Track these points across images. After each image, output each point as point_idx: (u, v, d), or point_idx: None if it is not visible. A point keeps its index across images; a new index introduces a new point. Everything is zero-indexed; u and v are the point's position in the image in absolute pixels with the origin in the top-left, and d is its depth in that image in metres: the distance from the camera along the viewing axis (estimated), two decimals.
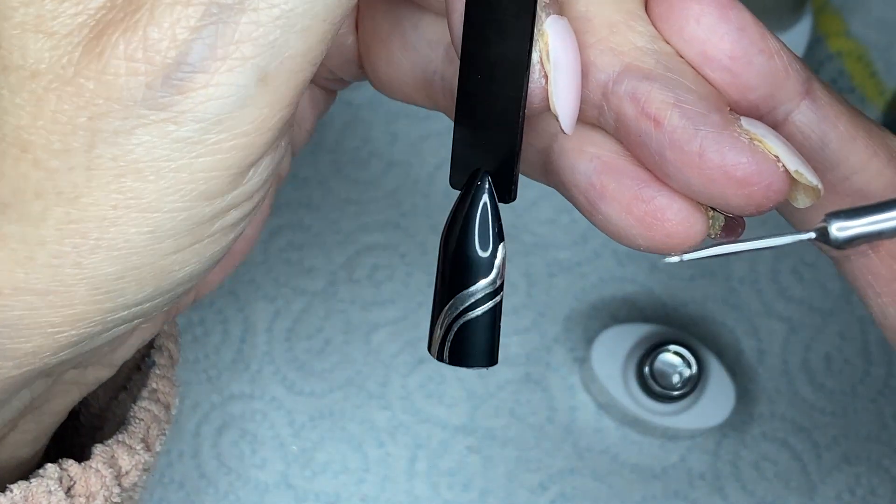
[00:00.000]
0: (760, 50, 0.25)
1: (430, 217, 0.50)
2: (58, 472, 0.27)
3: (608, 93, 0.25)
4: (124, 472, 0.29)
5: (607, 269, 0.50)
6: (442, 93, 0.28)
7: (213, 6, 0.22)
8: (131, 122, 0.22)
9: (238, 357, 0.49)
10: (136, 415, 0.30)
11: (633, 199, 0.26)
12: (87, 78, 0.22)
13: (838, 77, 0.53)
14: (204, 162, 0.23)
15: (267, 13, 0.22)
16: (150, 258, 0.23)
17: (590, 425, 0.48)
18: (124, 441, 0.29)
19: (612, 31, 0.25)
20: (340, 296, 0.49)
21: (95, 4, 0.22)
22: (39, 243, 0.23)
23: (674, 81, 0.25)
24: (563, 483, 0.48)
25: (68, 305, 0.24)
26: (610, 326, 0.48)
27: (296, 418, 0.48)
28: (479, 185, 0.26)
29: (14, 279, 0.23)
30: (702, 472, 0.48)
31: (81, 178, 0.22)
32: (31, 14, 0.22)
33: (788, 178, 0.25)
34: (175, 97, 0.22)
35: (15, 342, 0.24)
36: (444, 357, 0.26)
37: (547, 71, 0.25)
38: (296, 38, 0.22)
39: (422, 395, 0.48)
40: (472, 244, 0.25)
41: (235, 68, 0.22)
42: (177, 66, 0.22)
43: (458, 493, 0.47)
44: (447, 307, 0.25)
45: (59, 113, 0.22)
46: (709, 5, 0.25)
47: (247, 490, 0.47)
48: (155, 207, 0.23)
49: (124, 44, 0.22)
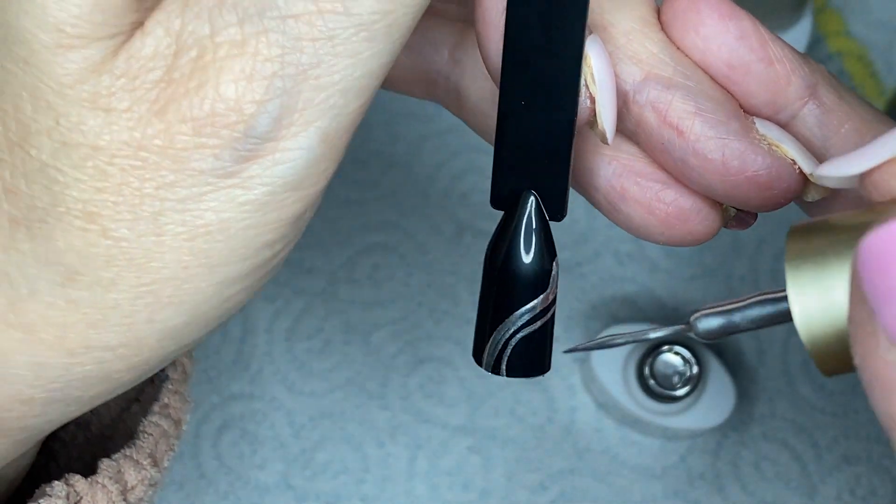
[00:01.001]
0: (760, 58, 0.26)
1: (430, 217, 0.50)
2: (65, 490, 0.27)
3: (629, 101, 0.26)
4: (130, 487, 0.29)
5: (607, 269, 0.50)
6: (445, 91, 0.28)
7: (276, 79, 0.22)
8: (199, 189, 0.23)
9: (238, 357, 0.49)
10: (146, 429, 0.30)
11: (654, 200, 0.27)
12: (151, 151, 0.22)
13: (838, 77, 0.53)
14: (270, 217, 0.23)
15: (328, 80, 0.22)
16: (217, 303, 0.24)
17: (590, 425, 0.48)
18: (131, 456, 0.29)
19: (629, 38, 0.26)
20: (340, 296, 0.49)
21: (153, 78, 0.22)
22: (112, 307, 0.23)
23: (693, 90, 0.26)
24: (563, 483, 0.48)
25: (136, 355, 0.24)
26: (610, 326, 0.48)
27: (296, 418, 0.48)
28: (530, 204, 0.26)
29: (86, 339, 0.24)
30: (702, 472, 0.48)
31: (151, 243, 0.23)
32: (87, 91, 0.22)
33: (804, 179, 0.26)
34: (242, 165, 0.22)
35: (79, 391, 0.25)
36: (501, 370, 0.26)
37: (592, 92, 0.25)
38: (354, 97, 0.23)
39: (422, 395, 0.48)
40: (530, 261, 0.26)
41: (300, 134, 0.23)
42: (244, 137, 0.22)
43: (458, 493, 0.47)
44: (504, 323, 0.26)
45: (124, 185, 0.22)
46: (708, 15, 0.26)
47: (247, 490, 0.47)
48: (224, 262, 0.23)
49: (192, 120, 0.22)
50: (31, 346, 0.24)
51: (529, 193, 0.26)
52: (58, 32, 0.22)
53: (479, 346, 0.27)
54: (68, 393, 0.24)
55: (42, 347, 0.24)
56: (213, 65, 0.22)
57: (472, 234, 0.49)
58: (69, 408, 0.25)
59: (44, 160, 0.22)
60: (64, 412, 0.25)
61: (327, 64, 0.22)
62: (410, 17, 0.23)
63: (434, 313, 0.49)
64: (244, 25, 0.22)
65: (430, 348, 0.49)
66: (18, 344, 0.23)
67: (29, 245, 0.23)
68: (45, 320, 0.23)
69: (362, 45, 0.22)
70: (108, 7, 0.22)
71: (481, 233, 0.49)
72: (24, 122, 0.22)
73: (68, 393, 0.24)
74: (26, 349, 0.24)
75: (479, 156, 0.51)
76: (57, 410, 0.25)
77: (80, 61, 0.22)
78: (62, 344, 0.24)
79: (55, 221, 0.23)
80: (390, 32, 0.22)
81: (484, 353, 0.26)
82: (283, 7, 0.22)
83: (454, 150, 0.51)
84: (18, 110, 0.22)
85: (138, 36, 0.22)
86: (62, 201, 0.23)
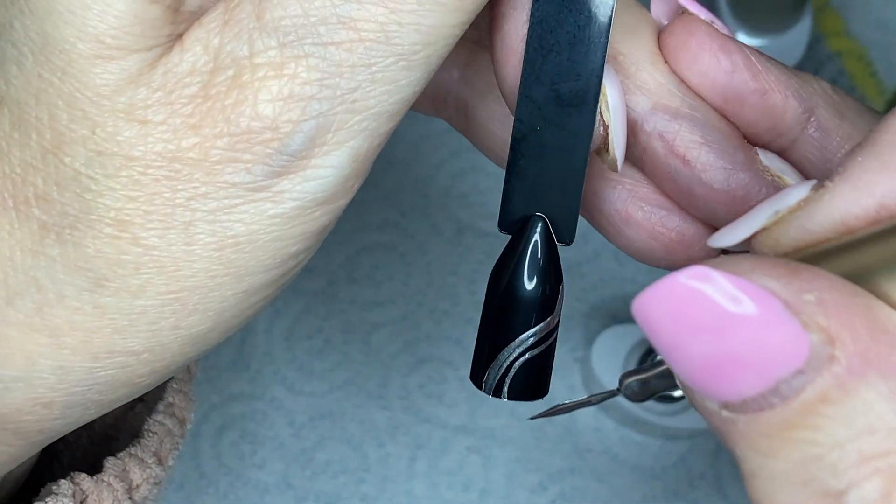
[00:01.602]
0: (754, 89, 0.26)
1: (430, 217, 0.50)
2: (71, 488, 0.28)
3: (638, 130, 0.26)
4: (135, 485, 0.29)
5: (607, 269, 0.50)
6: (454, 110, 0.29)
7: (313, 101, 0.22)
8: (230, 201, 0.23)
9: (238, 357, 0.49)
10: (151, 428, 0.30)
11: (657, 225, 0.27)
12: (184, 163, 0.23)
13: (838, 77, 0.53)
14: (297, 230, 0.24)
15: (363, 104, 0.23)
16: (239, 311, 0.25)
17: (590, 425, 0.48)
18: (136, 454, 0.29)
19: (638, 68, 0.26)
20: (340, 296, 0.49)
21: (189, 93, 0.23)
22: (139, 313, 0.24)
23: (699, 120, 0.26)
24: (563, 483, 0.48)
25: (159, 360, 0.25)
26: (610, 326, 0.48)
27: (296, 418, 0.48)
28: (539, 228, 0.26)
29: (111, 344, 0.24)
30: (702, 472, 0.48)
31: (181, 252, 0.23)
32: (124, 102, 0.22)
33: None
34: (273, 180, 0.23)
35: (102, 395, 0.25)
36: (503, 394, 0.27)
37: (606, 120, 0.26)
38: (387, 121, 0.23)
39: (422, 395, 0.48)
40: (537, 287, 0.26)
41: (331, 152, 0.23)
42: (277, 154, 0.23)
43: (458, 493, 0.47)
44: (508, 346, 0.26)
45: (156, 195, 0.23)
46: (699, 53, 0.26)
47: (247, 490, 0.47)
48: (251, 272, 0.24)
49: (228, 136, 0.23)
50: (55, 351, 0.24)
51: (539, 218, 0.26)
52: (97, 43, 0.22)
53: (480, 369, 0.27)
54: (89, 397, 0.25)
55: (67, 352, 0.24)
56: (252, 84, 0.22)
57: (472, 234, 0.49)
58: (88, 411, 0.25)
59: (77, 168, 0.23)
60: (82, 415, 0.25)
61: (364, 89, 0.23)
62: (447, 48, 0.23)
63: (434, 313, 0.49)
64: (284, 49, 0.22)
65: (430, 348, 0.49)
66: (43, 348, 0.24)
67: (58, 250, 0.23)
68: (71, 325, 0.24)
69: (400, 74, 0.23)
70: (147, 19, 0.22)
71: (481, 233, 0.49)
72: (60, 130, 0.23)
73: (89, 397, 0.25)
74: (51, 353, 0.24)
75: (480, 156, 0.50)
76: (76, 414, 0.25)
77: (118, 72, 0.22)
78: (87, 348, 0.24)
79: (86, 228, 0.23)
80: (428, 62, 0.23)
81: (485, 376, 0.27)
82: (324, 34, 0.22)
83: (454, 150, 0.51)
84: (54, 119, 0.23)
85: (176, 51, 0.23)
86: (94, 209, 0.23)
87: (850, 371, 0.19)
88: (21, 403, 0.24)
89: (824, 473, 0.19)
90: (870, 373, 0.19)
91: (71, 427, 0.26)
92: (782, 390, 0.19)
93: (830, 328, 0.19)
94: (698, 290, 0.19)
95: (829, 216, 0.21)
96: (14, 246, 0.23)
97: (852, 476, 0.19)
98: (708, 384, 0.20)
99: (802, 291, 0.19)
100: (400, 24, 0.22)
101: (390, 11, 0.22)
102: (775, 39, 0.51)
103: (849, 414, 0.19)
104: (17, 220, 0.23)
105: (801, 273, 0.20)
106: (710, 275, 0.19)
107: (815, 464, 0.19)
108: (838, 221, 0.21)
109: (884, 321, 0.19)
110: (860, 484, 0.19)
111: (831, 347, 0.19)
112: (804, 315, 0.19)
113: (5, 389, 0.24)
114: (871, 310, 0.20)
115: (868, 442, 0.19)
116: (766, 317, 0.19)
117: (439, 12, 0.22)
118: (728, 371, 0.20)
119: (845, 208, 0.21)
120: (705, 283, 0.19)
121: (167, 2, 0.22)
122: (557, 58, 0.25)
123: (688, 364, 0.20)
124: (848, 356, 0.19)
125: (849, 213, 0.21)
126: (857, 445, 0.19)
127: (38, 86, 0.23)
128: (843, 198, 0.21)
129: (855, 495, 0.19)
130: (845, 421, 0.19)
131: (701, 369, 0.20)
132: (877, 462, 0.19)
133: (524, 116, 0.26)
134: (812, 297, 0.19)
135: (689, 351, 0.20)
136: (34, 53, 0.22)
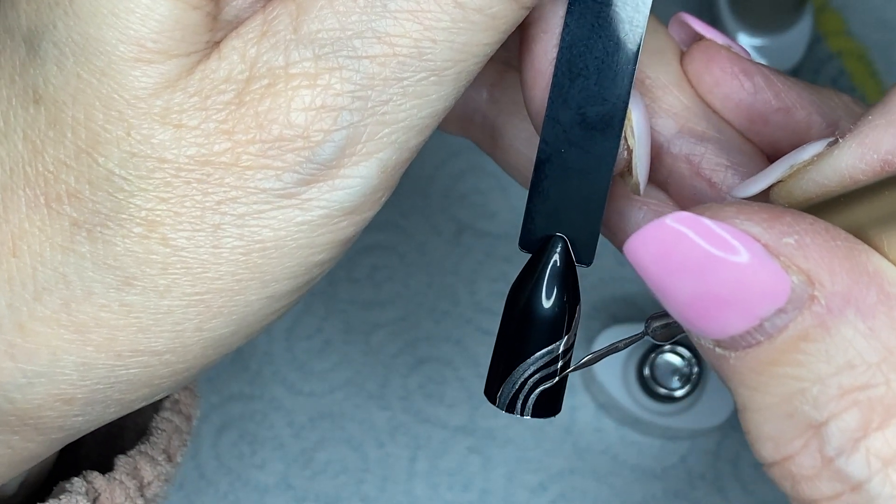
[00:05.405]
0: (777, 109, 0.27)
1: (429, 217, 0.50)
2: (84, 486, 0.28)
3: (663, 152, 0.27)
4: (147, 482, 0.29)
5: (607, 269, 0.50)
6: (481, 129, 0.30)
7: (345, 112, 0.23)
8: (259, 207, 0.23)
9: (238, 357, 0.49)
10: (159, 425, 0.31)
11: None
12: (216, 167, 0.23)
13: (838, 77, 0.53)
14: (323, 238, 0.24)
15: (394, 117, 0.23)
16: (262, 316, 0.25)
17: (590, 425, 0.48)
18: (147, 452, 0.30)
19: (665, 92, 0.27)
20: (340, 296, 0.49)
21: (224, 99, 0.23)
22: (164, 313, 0.24)
23: (725, 143, 0.27)
24: (563, 483, 0.48)
25: (181, 362, 0.25)
26: (610, 326, 0.48)
27: (296, 418, 0.48)
28: (559, 248, 0.27)
29: (135, 343, 0.24)
30: (702, 472, 0.48)
31: (208, 254, 0.24)
32: (160, 105, 0.23)
33: None
34: (302, 187, 0.23)
35: (122, 394, 0.25)
36: (516, 410, 0.27)
37: (630, 145, 0.26)
38: (416, 134, 0.24)
39: (422, 396, 0.48)
40: (555, 306, 0.26)
41: (361, 163, 0.24)
42: (307, 162, 0.23)
43: (458, 493, 0.47)
44: (523, 363, 0.27)
45: (187, 197, 0.23)
46: (721, 77, 0.27)
47: (247, 490, 0.47)
48: (276, 278, 0.24)
49: (260, 142, 0.23)
50: (79, 347, 0.24)
51: (559, 239, 0.27)
52: (138, 47, 0.23)
53: (494, 384, 0.27)
54: (110, 395, 0.25)
55: (91, 348, 0.24)
56: (285, 93, 0.23)
57: (472, 234, 0.49)
58: (108, 409, 0.25)
59: (111, 168, 0.23)
60: (102, 414, 0.26)
61: (395, 103, 0.23)
62: (478, 65, 0.24)
63: (434, 313, 0.49)
64: (318, 61, 0.23)
65: (430, 348, 0.49)
66: (68, 344, 0.24)
67: (88, 248, 0.24)
68: (97, 322, 0.24)
69: (431, 89, 0.23)
70: (188, 26, 0.23)
71: (481, 233, 0.49)
72: (95, 130, 0.23)
73: (110, 395, 0.25)
74: (75, 349, 0.24)
75: (480, 156, 0.50)
76: (96, 412, 0.25)
77: (157, 76, 0.23)
78: (111, 346, 0.24)
79: (116, 227, 0.23)
80: (459, 78, 0.23)
81: (499, 392, 0.27)
82: (359, 48, 0.23)
83: (454, 150, 0.51)
84: (90, 119, 0.23)
85: (214, 58, 0.23)
86: (125, 208, 0.23)
87: (830, 310, 0.20)
88: (43, 399, 0.25)
89: (807, 406, 0.20)
90: (849, 311, 0.20)
91: (91, 426, 0.26)
92: (766, 328, 0.20)
93: (810, 269, 0.20)
94: (682, 233, 0.20)
95: (837, 170, 0.22)
96: (44, 242, 0.24)
97: (832, 408, 0.20)
98: (696, 322, 0.21)
99: (783, 235, 0.20)
100: (434, 40, 0.23)
101: (425, 28, 0.23)
102: (775, 39, 0.51)
103: (829, 350, 0.20)
104: (48, 217, 0.24)
105: (784, 217, 0.21)
106: (694, 219, 0.20)
107: (798, 397, 0.20)
108: (845, 175, 0.22)
109: (865, 263, 0.20)
110: (839, 415, 0.20)
111: (811, 288, 0.20)
112: (784, 257, 0.20)
113: (28, 384, 0.24)
114: (854, 252, 0.21)
115: (847, 377, 0.20)
116: (747, 259, 0.20)
117: (472, 31, 0.23)
118: (713, 310, 0.21)
119: (851, 163, 0.22)
120: (689, 227, 0.20)
121: (207, 9, 0.23)
122: (585, 82, 0.25)
123: (676, 303, 0.21)
124: (827, 296, 0.20)
125: (855, 168, 0.22)
126: (838, 380, 0.20)
127: (77, 86, 0.23)
128: (850, 153, 0.22)
129: (835, 426, 0.20)
130: (826, 357, 0.20)
131: (688, 308, 0.21)
132: (855, 395, 0.20)
133: (549, 138, 0.26)
134: (792, 241, 0.20)
135: (676, 291, 0.21)
136: (75, 54, 0.23)
